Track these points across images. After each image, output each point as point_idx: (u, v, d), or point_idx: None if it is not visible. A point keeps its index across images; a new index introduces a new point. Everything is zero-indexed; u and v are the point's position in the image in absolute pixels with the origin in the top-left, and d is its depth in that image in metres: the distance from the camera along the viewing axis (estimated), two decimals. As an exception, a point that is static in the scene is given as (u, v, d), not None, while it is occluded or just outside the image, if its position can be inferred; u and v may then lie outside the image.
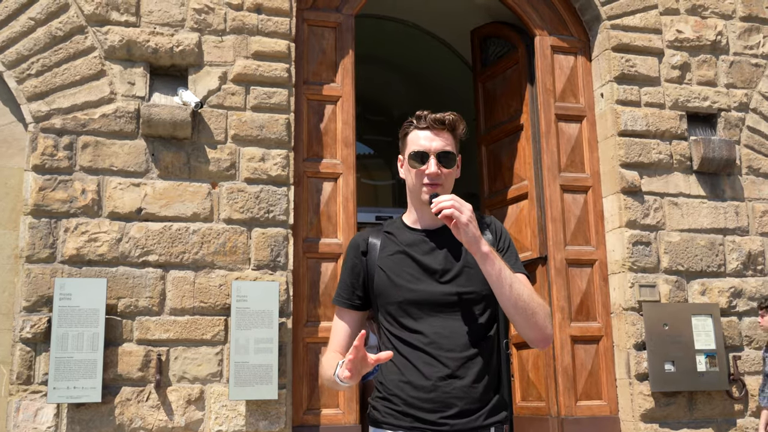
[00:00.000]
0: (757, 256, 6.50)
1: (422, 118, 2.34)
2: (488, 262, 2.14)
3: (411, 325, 2.23)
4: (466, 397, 2.17)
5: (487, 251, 2.14)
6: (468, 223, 2.12)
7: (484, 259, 2.14)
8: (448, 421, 2.15)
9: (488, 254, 2.14)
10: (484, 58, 7.63)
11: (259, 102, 5.76)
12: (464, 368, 2.19)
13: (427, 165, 2.29)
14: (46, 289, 5.11)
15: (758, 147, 6.72)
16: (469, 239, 2.13)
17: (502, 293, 2.16)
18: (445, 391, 2.16)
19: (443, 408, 2.15)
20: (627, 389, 6.07)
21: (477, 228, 2.14)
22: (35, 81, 5.38)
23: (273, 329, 5.39)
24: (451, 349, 2.19)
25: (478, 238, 2.13)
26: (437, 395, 2.16)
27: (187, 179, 5.53)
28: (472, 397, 2.17)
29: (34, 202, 5.22)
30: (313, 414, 5.66)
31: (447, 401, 2.16)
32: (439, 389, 2.17)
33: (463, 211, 2.13)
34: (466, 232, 2.12)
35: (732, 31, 6.89)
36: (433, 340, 2.20)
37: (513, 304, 2.16)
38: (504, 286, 2.15)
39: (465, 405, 2.17)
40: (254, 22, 5.86)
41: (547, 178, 6.51)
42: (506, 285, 2.15)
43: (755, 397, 6.20)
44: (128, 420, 5.11)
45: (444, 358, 2.19)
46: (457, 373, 2.18)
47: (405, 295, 2.25)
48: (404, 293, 2.25)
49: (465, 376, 2.18)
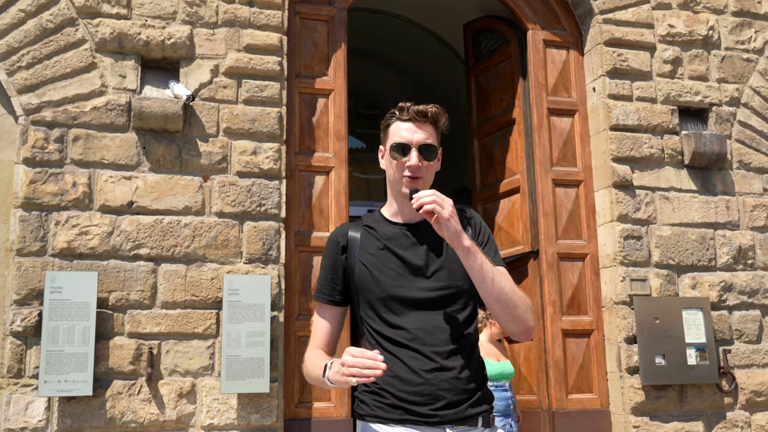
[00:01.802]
0: (748, 250, 6.53)
1: (405, 110, 2.34)
2: (470, 256, 2.14)
3: (393, 320, 2.23)
4: (453, 389, 2.18)
5: (468, 245, 2.14)
6: (449, 218, 2.12)
7: (466, 253, 2.14)
8: (437, 412, 2.16)
9: (470, 248, 2.14)
10: (477, 52, 7.63)
11: (251, 95, 5.74)
12: (449, 360, 2.20)
13: (408, 157, 2.28)
14: (36, 282, 5.10)
15: (749, 142, 6.74)
16: (450, 234, 2.13)
17: (484, 287, 2.16)
18: (433, 384, 2.17)
19: (432, 400, 2.16)
20: (618, 383, 6.10)
21: (458, 223, 2.14)
22: (26, 73, 5.35)
23: (265, 323, 5.38)
24: (434, 344, 2.20)
25: (459, 233, 2.13)
26: (425, 387, 2.17)
27: (178, 173, 5.51)
28: (459, 388, 2.19)
29: (25, 195, 5.20)
30: (304, 407, 5.67)
31: (435, 393, 2.17)
32: (428, 382, 2.17)
33: (444, 206, 2.13)
34: (447, 227, 2.12)
35: (724, 26, 6.90)
36: (416, 336, 2.21)
37: (495, 298, 2.16)
38: (486, 279, 2.15)
39: (453, 396, 2.18)
40: (246, 15, 5.84)
41: (539, 172, 6.52)
42: (488, 278, 2.15)
43: (745, 390, 6.23)
44: (119, 413, 5.10)
45: (428, 352, 2.19)
46: (443, 365, 2.19)
47: (386, 290, 2.25)
48: (386, 289, 2.25)
49: (451, 368, 2.19)
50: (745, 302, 6.42)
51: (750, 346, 6.36)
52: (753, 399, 6.24)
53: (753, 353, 6.35)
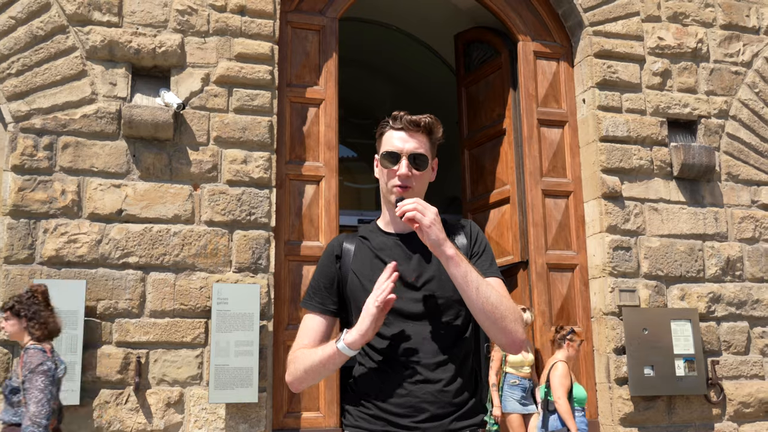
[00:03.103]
0: (736, 261, 6.56)
1: (398, 119, 2.33)
2: (452, 263, 2.13)
3: (382, 330, 2.21)
4: (437, 402, 2.16)
5: (451, 254, 2.13)
6: (431, 225, 2.11)
7: (449, 261, 2.13)
8: (419, 425, 2.15)
9: (452, 257, 2.13)
10: (468, 62, 7.66)
11: (241, 104, 5.74)
12: (436, 373, 2.18)
13: (398, 166, 2.28)
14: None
15: (737, 154, 6.79)
16: (432, 242, 2.12)
17: (468, 296, 2.14)
18: (416, 396, 2.15)
19: (414, 413, 2.15)
20: (606, 393, 6.10)
21: (441, 230, 2.13)
22: (15, 80, 5.33)
23: (254, 332, 5.36)
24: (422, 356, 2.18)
25: (441, 241, 2.12)
26: (408, 400, 2.16)
27: (168, 181, 5.50)
28: (443, 401, 2.17)
29: (13, 202, 5.17)
30: (293, 417, 5.65)
31: (418, 406, 2.15)
32: (411, 393, 2.16)
33: (426, 213, 2.12)
34: (428, 234, 2.11)
35: (713, 38, 6.95)
36: (403, 348, 2.19)
37: (480, 308, 2.14)
38: (470, 289, 2.13)
39: (437, 409, 2.16)
40: (237, 24, 5.85)
41: (529, 183, 6.54)
42: (472, 288, 2.13)
43: (733, 401, 6.25)
44: (107, 423, 5.06)
45: (415, 364, 2.18)
46: (428, 377, 2.17)
47: None
48: None
49: (437, 381, 2.17)
50: (734, 313, 6.44)
51: (738, 357, 6.38)
52: (741, 410, 6.26)
53: (741, 364, 6.37)
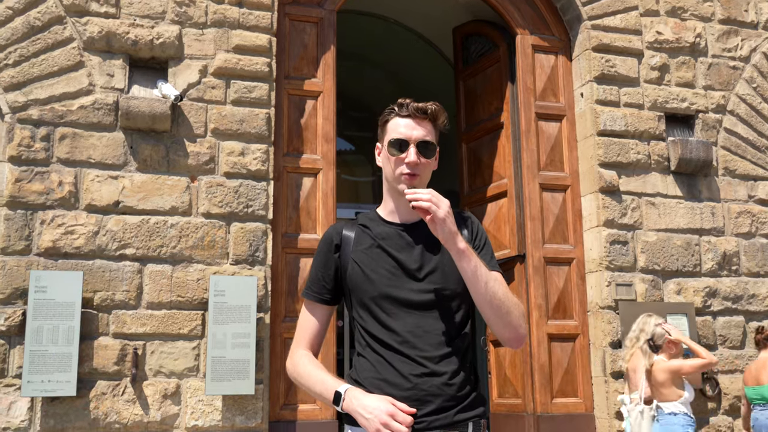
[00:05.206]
0: (732, 256, 6.57)
1: (404, 106, 2.30)
2: (464, 258, 2.12)
3: (385, 321, 2.21)
4: (442, 394, 2.15)
5: (463, 248, 2.11)
6: (445, 218, 2.09)
7: (460, 255, 2.12)
8: (424, 418, 2.14)
9: (464, 251, 2.11)
10: (466, 56, 7.64)
11: (239, 96, 5.73)
12: (440, 365, 2.17)
13: (406, 153, 2.25)
14: (21, 281, 5.06)
15: (735, 149, 6.79)
16: (445, 235, 2.10)
17: (477, 291, 2.14)
18: (421, 389, 2.14)
19: (419, 405, 2.14)
20: (602, 387, 6.12)
21: (454, 223, 2.12)
22: (12, 71, 5.32)
23: (251, 324, 5.37)
24: (426, 348, 2.17)
25: (454, 234, 2.11)
26: (414, 393, 2.15)
27: (165, 173, 5.49)
28: (448, 393, 2.16)
29: (10, 193, 5.16)
30: (290, 409, 5.65)
31: (423, 398, 2.14)
32: (416, 387, 2.15)
33: (441, 205, 2.10)
34: (442, 227, 2.10)
35: (711, 33, 6.95)
36: (406, 339, 2.18)
37: (488, 302, 2.14)
38: (479, 283, 2.13)
39: (442, 402, 2.15)
40: (235, 16, 5.83)
41: (526, 177, 6.54)
42: (481, 282, 2.13)
43: (728, 395, 6.27)
44: (103, 414, 5.07)
45: (418, 357, 2.17)
46: (433, 370, 2.16)
47: (379, 289, 2.22)
48: (379, 288, 2.22)
49: (441, 373, 2.16)
50: (729, 308, 6.46)
51: (734, 352, 6.39)
52: (736, 404, 6.27)
53: (737, 359, 6.39)
